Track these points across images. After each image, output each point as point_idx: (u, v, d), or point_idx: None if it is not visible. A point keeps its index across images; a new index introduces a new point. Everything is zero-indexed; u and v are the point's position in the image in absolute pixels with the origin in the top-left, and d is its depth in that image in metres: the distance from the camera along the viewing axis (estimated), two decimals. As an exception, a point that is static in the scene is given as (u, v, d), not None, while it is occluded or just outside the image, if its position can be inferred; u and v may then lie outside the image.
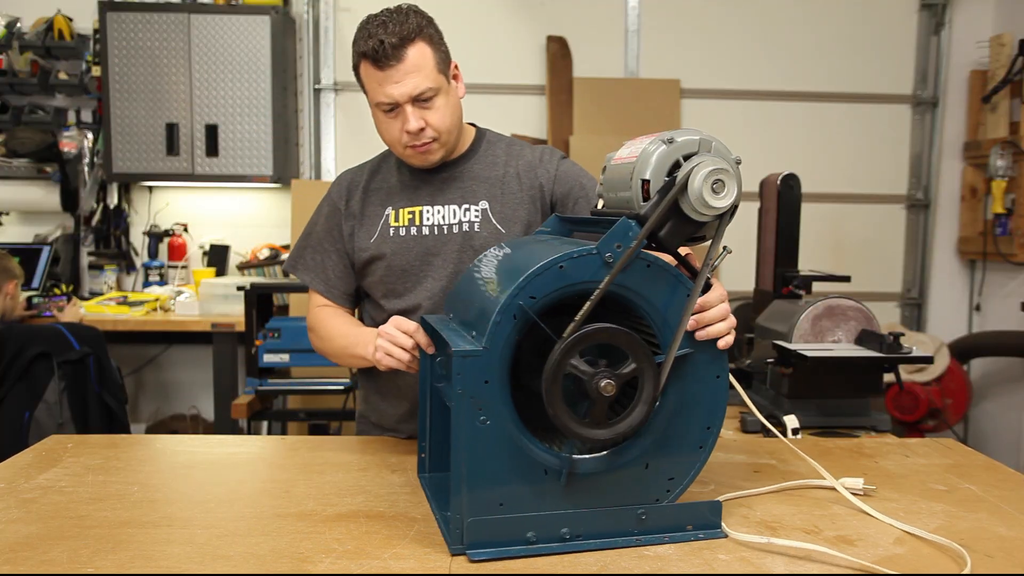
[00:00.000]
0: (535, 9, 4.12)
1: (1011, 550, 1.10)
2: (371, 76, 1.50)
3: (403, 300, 1.61)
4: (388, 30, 1.46)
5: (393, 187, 1.65)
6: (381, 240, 1.61)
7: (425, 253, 1.59)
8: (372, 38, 1.46)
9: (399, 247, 1.60)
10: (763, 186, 2.40)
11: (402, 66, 1.47)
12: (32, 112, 3.98)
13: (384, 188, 1.65)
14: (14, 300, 3.18)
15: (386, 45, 1.45)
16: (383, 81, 1.48)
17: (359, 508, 1.22)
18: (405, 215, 1.61)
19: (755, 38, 4.16)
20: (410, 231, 1.60)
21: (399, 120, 1.52)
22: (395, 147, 1.58)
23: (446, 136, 1.56)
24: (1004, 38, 3.93)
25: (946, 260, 4.32)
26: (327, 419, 3.41)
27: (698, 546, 1.10)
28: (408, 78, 1.48)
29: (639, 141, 1.19)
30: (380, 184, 1.66)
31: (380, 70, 1.48)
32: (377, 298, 1.65)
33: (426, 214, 1.61)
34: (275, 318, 3.09)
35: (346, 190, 1.67)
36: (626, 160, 1.18)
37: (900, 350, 1.95)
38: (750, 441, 1.71)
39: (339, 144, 4.16)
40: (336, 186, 1.69)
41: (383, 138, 1.59)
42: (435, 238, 1.59)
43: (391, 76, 1.47)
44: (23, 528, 1.12)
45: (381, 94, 1.50)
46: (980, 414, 4.20)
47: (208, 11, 3.82)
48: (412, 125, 1.50)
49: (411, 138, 1.52)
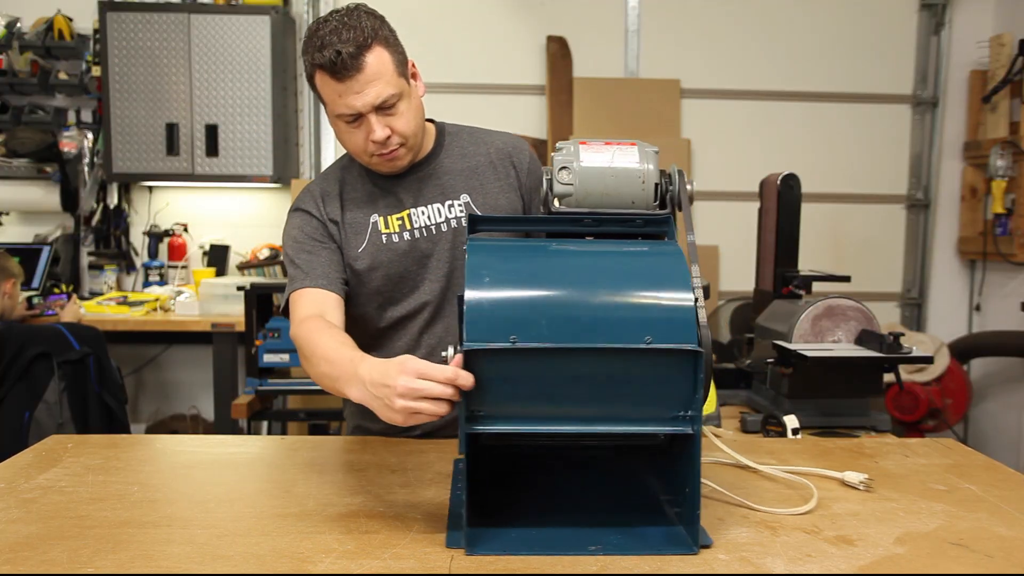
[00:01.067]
0: (535, 9, 4.12)
1: (1011, 550, 1.10)
2: (329, 87, 1.42)
3: (403, 306, 1.59)
4: (342, 38, 1.39)
5: (370, 194, 1.60)
6: (374, 249, 1.56)
7: (420, 256, 1.57)
8: (327, 48, 1.38)
9: (395, 254, 1.56)
10: (763, 186, 2.40)
11: (361, 76, 1.40)
12: (32, 112, 3.98)
13: (360, 196, 1.60)
14: (13, 300, 3.18)
15: (343, 56, 1.38)
16: (343, 93, 1.42)
17: (359, 508, 1.22)
18: (394, 221, 1.58)
19: (755, 38, 4.16)
20: (403, 236, 1.57)
21: (363, 130, 1.46)
22: (360, 156, 1.53)
23: (412, 140, 1.51)
24: (1004, 38, 3.93)
25: (946, 260, 4.32)
26: (327, 419, 3.41)
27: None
28: (369, 87, 1.41)
29: (603, 147, 1.25)
30: (352, 193, 1.60)
31: (339, 82, 1.41)
32: (372, 308, 1.60)
33: (414, 217, 1.58)
34: (275, 318, 3.09)
35: (321, 198, 1.59)
36: (629, 166, 1.24)
37: (900, 350, 1.95)
38: (750, 441, 1.71)
39: (339, 144, 4.15)
40: (308, 198, 1.60)
41: (346, 148, 1.53)
42: (427, 239, 1.57)
43: (351, 87, 1.41)
44: (23, 528, 1.12)
45: (342, 105, 1.43)
46: (980, 414, 4.20)
47: (208, 11, 3.82)
48: (378, 135, 1.45)
49: (378, 147, 1.48)
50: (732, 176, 4.11)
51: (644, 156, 1.26)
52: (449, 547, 1.08)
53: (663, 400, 1.09)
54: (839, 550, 1.09)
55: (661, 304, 1.10)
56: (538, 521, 1.17)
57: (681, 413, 1.09)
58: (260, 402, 3.08)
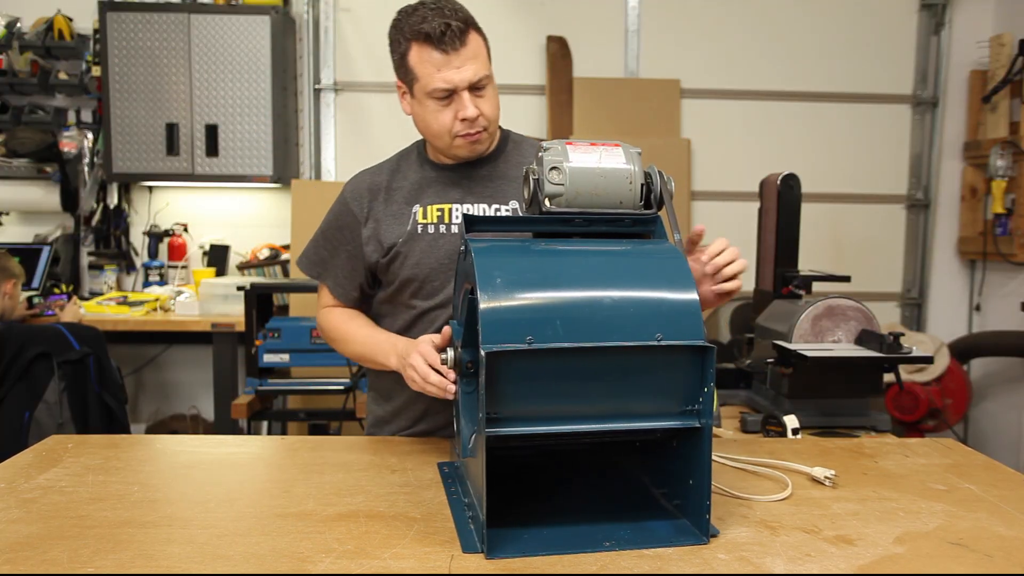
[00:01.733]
0: (535, 9, 4.12)
1: (1011, 550, 1.10)
2: (429, 60, 1.44)
3: (434, 298, 1.59)
4: (446, 14, 1.43)
5: (417, 184, 1.61)
6: (410, 238, 1.57)
7: (453, 252, 1.55)
8: (432, 20, 1.42)
9: (428, 245, 1.57)
10: (763, 186, 2.40)
11: (465, 50, 1.44)
12: (32, 112, 3.98)
13: (407, 186, 1.61)
14: (13, 300, 3.18)
15: (453, 28, 1.41)
16: (443, 65, 1.44)
17: (359, 508, 1.22)
18: (434, 212, 1.58)
19: (755, 38, 4.16)
20: (439, 228, 1.57)
21: (452, 108, 1.48)
22: (442, 137, 1.52)
23: (494, 126, 1.54)
24: (1004, 38, 3.93)
25: (946, 260, 4.32)
26: (327, 419, 3.41)
27: (698, 545, 1.10)
28: (469, 64, 1.44)
29: (590, 148, 1.27)
30: (402, 182, 1.62)
31: (444, 54, 1.43)
32: (405, 298, 1.61)
33: (455, 212, 1.57)
34: (275, 318, 3.09)
35: (367, 192, 1.62)
36: (617, 167, 1.26)
37: (900, 350, 1.95)
38: (750, 441, 1.71)
39: (339, 144, 4.16)
40: (352, 190, 1.64)
41: (429, 128, 1.53)
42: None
43: (452, 61, 1.43)
44: (23, 528, 1.12)
45: (439, 80, 1.44)
46: (980, 414, 4.20)
47: (208, 11, 3.82)
48: (471, 112, 1.47)
49: (466, 126, 1.49)
50: (732, 176, 4.11)
51: (629, 157, 1.28)
52: (466, 552, 1.06)
53: (673, 395, 1.12)
54: (839, 550, 1.09)
55: (668, 302, 1.12)
56: (545, 521, 1.17)
57: (689, 408, 1.12)
58: (260, 402, 3.08)
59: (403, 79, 1.53)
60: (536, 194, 1.26)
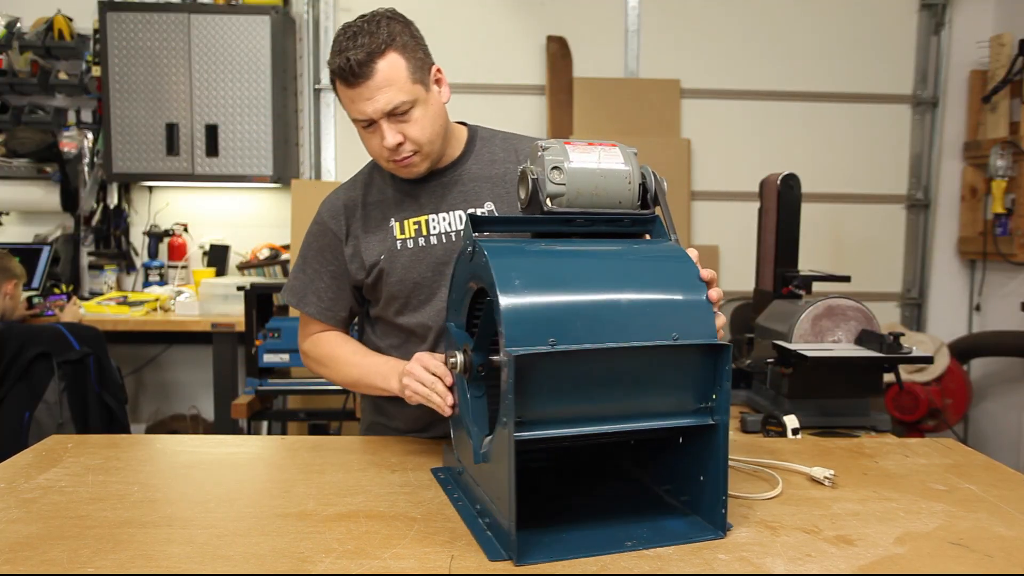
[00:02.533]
0: (535, 9, 4.12)
1: (1011, 550, 1.10)
2: (343, 93, 1.45)
3: (418, 314, 1.57)
4: (356, 43, 1.40)
5: (392, 198, 1.59)
6: (389, 254, 1.55)
7: (436, 264, 1.54)
8: (340, 54, 1.41)
9: (409, 260, 1.55)
10: (763, 186, 2.40)
11: (371, 82, 1.41)
12: (32, 112, 3.98)
13: (383, 200, 1.59)
14: (14, 300, 3.18)
15: (352, 63, 1.40)
16: (354, 98, 1.44)
17: (359, 508, 1.22)
18: (411, 226, 1.56)
19: (755, 38, 4.16)
20: (418, 242, 1.55)
21: (378, 135, 1.47)
22: (379, 161, 1.54)
23: (428, 147, 1.50)
24: (1004, 38, 3.93)
25: (946, 260, 4.32)
26: (327, 419, 3.41)
27: (698, 546, 1.10)
28: (379, 94, 1.42)
29: (589, 148, 1.28)
30: (377, 196, 1.60)
31: (350, 88, 1.43)
32: (390, 316, 1.60)
33: (432, 223, 1.56)
34: (275, 318, 3.09)
35: (343, 210, 1.60)
36: (616, 167, 1.27)
37: (900, 350, 1.95)
38: (750, 441, 1.71)
39: (339, 144, 4.17)
40: (329, 209, 1.62)
41: (368, 152, 1.54)
42: (444, 247, 1.54)
43: (361, 93, 1.42)
44: (23, 528, 1.12)
45: (354, 111, 1.45)
46: (980, 414, 4.20)
47: (208, 11, 3.82)
48: (389, 141, 1.45)
49: (391, 153, 1.48)
50: (732, 176, 4.11)
51: (627, 157, 1.28)
52: (493, 560, 1.05)
53: (688, 393, 1.14)
54: (839, 550, 1.09)
55: (681, 303, 1.14)
56: (562, 524, 1.16)
57: (703, 405, 1.15)
58: (260, 402, 3.08)
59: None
60: (536, 194, 1.25)
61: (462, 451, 1.29)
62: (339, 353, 1.61)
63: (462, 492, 1.27)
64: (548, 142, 1.27)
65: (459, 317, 1.33)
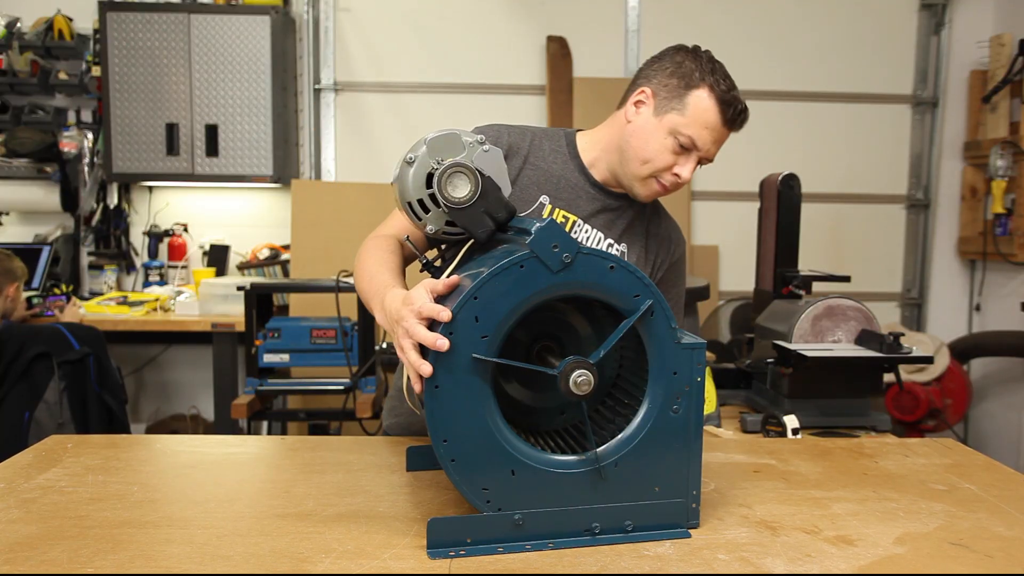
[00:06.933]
0: (535, 9, 4.12)
1: (1011, 550, 1.10)
2: (707, 116, 1.45)
3: None
4: (744, 106, 1.50)
5: (554, 175, 1.55)
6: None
7: None
8: (736, 97, 1.47)
9: None
10: (763, 186, 2.40)
11: (730, 135, 1.51)
12: (32, 112, 3.98)
13: (544, 168, 1.55)
14: (15, 302, 3.18)
15: (744, 116, 1.50)
16: (714, 131, 1.47)
17: (359, 508, 1.22)
18: (559, 216, 1.54)
19: (755, 38, 4.16)
20: None
21: (679, 158, 1.48)
22: (645, 168, 1.50)
23: (674, 191, 1.55)
24: (1004, 38, 3.93)
25: (946, 260, 4.32)
26: (327, 419, 3.41)
27: (698, 545, 1.10)
28: (721, 145, 1.51)
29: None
30: (539, 161, 1.55)
31: (725, 127, 1.48)
32: None
33: (577, 228, 1.54)
34: (275, 318, 3.09)
35: (506, 149, 1.51)
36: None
37: (900, 350, 1.95)
38: (750, 441, 1.71)
39: (339, 144, 4.17)
40: (495, 138, 1.52)
41: (643, 151, 1.49)
42: None
43: (721, 136, 1.49)
44: (23, 528, 1.12)
45: (700, 139, 1.46)
46: (980, 414, 4.20)
47: (208, 11, 3.82)
48: (685, 175, 1.49)
49: (670, 179, 1.50)
50: (732, 176, 4.11)
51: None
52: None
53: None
54: (839, 550, 1.09)
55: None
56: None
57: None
58: (260, 402, 3.08)
59: (664, 94, 1.49)
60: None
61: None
62: (369, 258, 1.42)
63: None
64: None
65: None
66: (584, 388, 1.06)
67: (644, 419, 1.12)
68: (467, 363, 1.05)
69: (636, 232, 1.61)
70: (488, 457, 1.07)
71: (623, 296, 1.10)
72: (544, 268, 1.06)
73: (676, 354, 1.11)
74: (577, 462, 1.11)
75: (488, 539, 1.08)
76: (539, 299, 1.07)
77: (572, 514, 1.10)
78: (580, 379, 1.06)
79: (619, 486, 1.11)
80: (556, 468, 1.10)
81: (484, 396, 1.07)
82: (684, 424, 1.12)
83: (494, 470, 1.08)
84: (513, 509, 1.08)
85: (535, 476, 1.09)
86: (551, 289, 1.07)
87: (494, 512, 1.08)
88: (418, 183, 1.18)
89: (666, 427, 1.12)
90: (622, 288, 1.09)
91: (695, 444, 1.14)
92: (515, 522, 1.08)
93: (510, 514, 1.08)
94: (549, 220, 1.06)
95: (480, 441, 1.07)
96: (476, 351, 1.06)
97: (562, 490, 1.10)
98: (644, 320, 1.10)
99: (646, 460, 1.12)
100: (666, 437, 1.12)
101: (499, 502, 1.08)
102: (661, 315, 1.11)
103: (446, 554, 1.06)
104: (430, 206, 1.19)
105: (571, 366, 1.06)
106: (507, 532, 1.08)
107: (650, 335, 1.11)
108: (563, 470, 1.10)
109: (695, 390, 1.12)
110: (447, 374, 1.05)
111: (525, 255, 1.05)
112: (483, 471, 1.07)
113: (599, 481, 1.11)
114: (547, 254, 1.05)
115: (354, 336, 2.97)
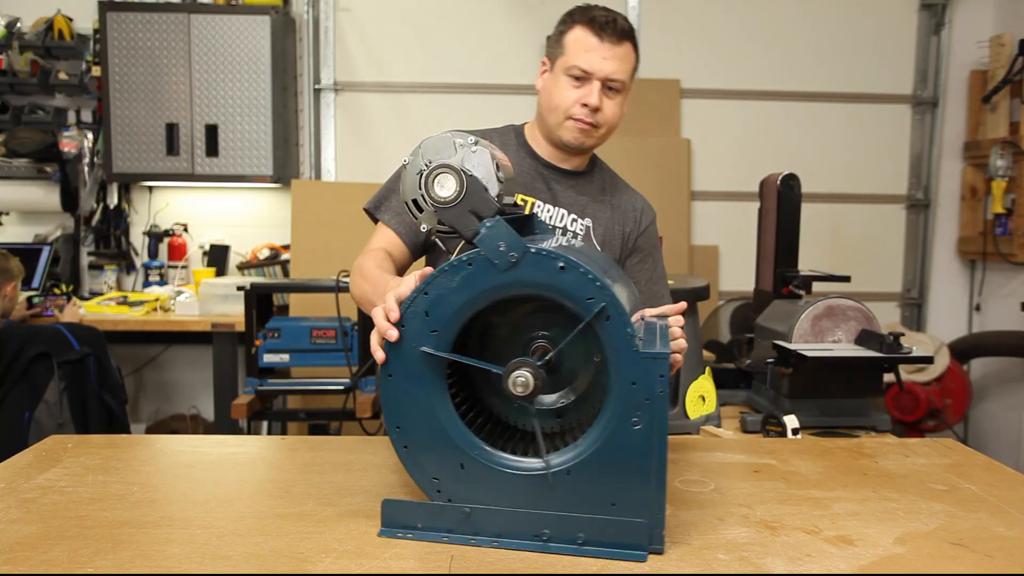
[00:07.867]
0: (535, 9, 4.12)
1: (1011, 550, 1.10)
2: (581, 42, 1.54)
3: None
4: (616, 16, 1.55)
5: (520, 167, 1.64)
6: None
7: None
8: (602, 14, 1.54)
9: None
10: (763, 186, 2.40)
11: (616, 48, 1.54)
12: (32, 112, 3.98)
13: (512, 165, 1.62)
14: (13, 301, 3.18)
15: (617, 23, 1.54)
16: (592, 49, 1.53)
17: (359, 508, 1.22)
18: (519, 199, 1.61)
19: (755, 38, 4.16)
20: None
21: (580, 91, 1.56)
22: (557, 113, 1.59)
23: (606, 131, 1.61)
24: (1004, 38, 3.93)
25: (946, 260, 4.32)
26: (327, 419, 3.41)
27: (698, 546, 1.10)
28: (614, 61, 1.54)
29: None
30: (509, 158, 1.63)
31: (599, 40, 1.54)
32: None
33: (537, 209, 1.62)
34: (275, 318, 3.09)
35: None
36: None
37: (900, 350, 1.95)
38: (750, 441, 1.71)
39: (339, 144, 4.16)
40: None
41: (551, 101, 1.60)
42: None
43: (602, 51, 1.53)
44: (23, 528, 1.12)
45: (583, 60, 1.54)
46: (980, 414, 4.20)
47: (208, 11, 3.82)
48: (593, 100, 1.55)
49: (585, 112, 1.56)
50: (732, 176, 4.11)
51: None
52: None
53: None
54: (839, 550, 1.09)
55: None
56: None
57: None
58: (260, 402, 3.08)
59: (551, 54, 1.62)
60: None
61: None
62: (369, 267, 1.50)
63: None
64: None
65: None
66: (521, 389, 1.07)
67: (600, 430, 1.06)
68: (417, 355, 1.09)
69: (600, 205, 1.68)
70: (437, 449, 1.10)
71: (575, 298, 1.06)
72: (492, 267, 1.07)
73: (635, 362, 1.03)
74: (527, 465, 1.10)
75: (437, 527, 1.10)
76: (490, 297, 1.08)
77: (522, 516, 1.09)
78: (519, 380, 1.07)
79: (572, 496, 1.07)
80: (506, 468, 1.10)
81: (434, 388, 1.10)
82: (645, 440, 1.04)
83: (444, 462, 1.10)
84: (463, 502, 1.10)
85: (484, 473, 1.10)
86: (501, 288, 1.07)
87: (444, 502, 1.10)
88: (412, 183, 1.21)
89: (624, 441, 1.04)
90: (573, 290, 1.05)
91: (659, 462, 1.04)
92: (465, 514, 1.10)
93: (460, 506, 1.10)
94: (496, 220, 1.08)
95: (430, 432, 1.10)
96: (425, 344, 1.08)
97: (512, 491, 1.09)
98: (599, 325, 1.05)
99: (601, 473, 1.06)
100: (624, 452, 1.05)
101: (449, 493, 1.11)
102: (617, 320, 1.04)
103: (394, 534, 1.10)
104: (424, 205, 1.21)
105: (513, 366, 1.08)
106: (455, 523, 1.10)
107: (605, 341, 1.05)
108: (513, 471, 1.10)
109: (657, 404, 1.03)
110: (399, 364, 1.09)
111: (474, 253, 1.07)
112: (433, 462, 1.10)
113: (548, 488, 1.08)
114: (494, 252, 1.06)
115: (354, 336, 2.97)
